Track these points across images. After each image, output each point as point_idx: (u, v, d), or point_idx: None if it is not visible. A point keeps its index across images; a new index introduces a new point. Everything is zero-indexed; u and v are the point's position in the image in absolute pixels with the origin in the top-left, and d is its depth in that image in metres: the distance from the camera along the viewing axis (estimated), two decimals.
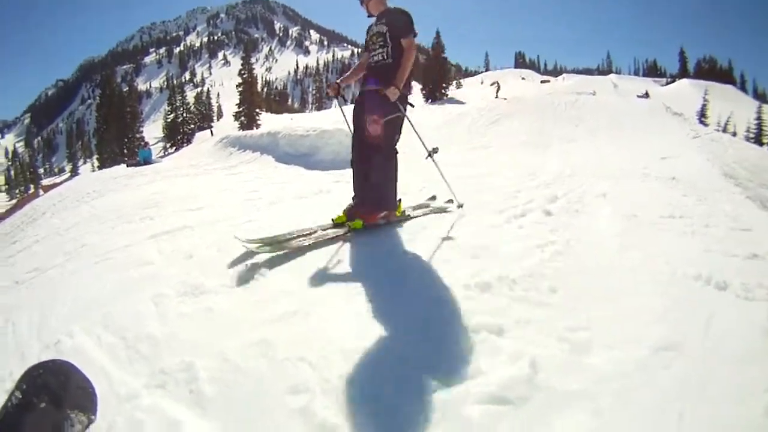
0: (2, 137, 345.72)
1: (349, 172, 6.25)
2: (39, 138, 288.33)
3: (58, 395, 2.43)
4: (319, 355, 3.05)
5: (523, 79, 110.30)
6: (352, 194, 6.27)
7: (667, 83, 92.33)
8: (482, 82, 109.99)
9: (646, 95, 57.96)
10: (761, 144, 50.12)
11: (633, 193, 8.50)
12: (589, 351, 2.91)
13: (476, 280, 3.94)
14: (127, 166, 23.92)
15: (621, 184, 9.40)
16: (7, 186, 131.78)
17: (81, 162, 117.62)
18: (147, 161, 24.63)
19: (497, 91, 35.04)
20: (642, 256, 4.74)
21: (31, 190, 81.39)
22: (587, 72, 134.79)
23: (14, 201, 79.63)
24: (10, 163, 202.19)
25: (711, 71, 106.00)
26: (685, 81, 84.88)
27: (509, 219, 6.30)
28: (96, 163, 79.90)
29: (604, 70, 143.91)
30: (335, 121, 35.07)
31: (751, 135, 56.21)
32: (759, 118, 61.74)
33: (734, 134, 50.71)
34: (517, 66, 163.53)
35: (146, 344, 3.58)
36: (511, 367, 2.76)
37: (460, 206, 6.49)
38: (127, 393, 2.99)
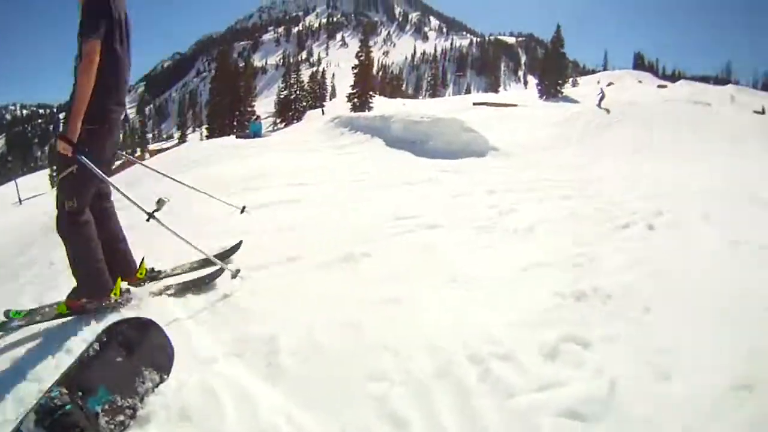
0: None
1: (460, 162, 6.24)
2: (151, 105, 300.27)
3: (135, 351, 2.61)
4: (406, 345, 3.09)
5: (639, 82, 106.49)
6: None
7: None
8: (599, 82, 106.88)
9: (763, 111, 54.67)
10: None
11: (738, 217, 8.14)
12: (669, 377, 2.83)
13: (572, 288, 3.93)
14: (237, 137, 24.45)
15: (727, 206, 9.04)
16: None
17: (190, 131, 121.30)
18: (257, 134, 25.08)
19: (600, 100, 33.18)
20: (737, 288, 4.43)
21: (137, 153, 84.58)
22: (705, 80, 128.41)
23: (119, 162, 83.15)
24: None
25: None
26: None
27: (612, 230, 6.21)
28: (205, 133, 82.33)
29: (722, 79, 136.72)
30: (448, 110, 35.09)
31: None
32: None
33: None
34: (635, 67, 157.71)
35: (232, 311, 3.74)
36: (591, 382, 2.75)
37: (235, 275, 4.38)
38: (204, 356, 3.15)
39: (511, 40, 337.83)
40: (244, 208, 6.17)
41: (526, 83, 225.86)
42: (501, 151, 13.77)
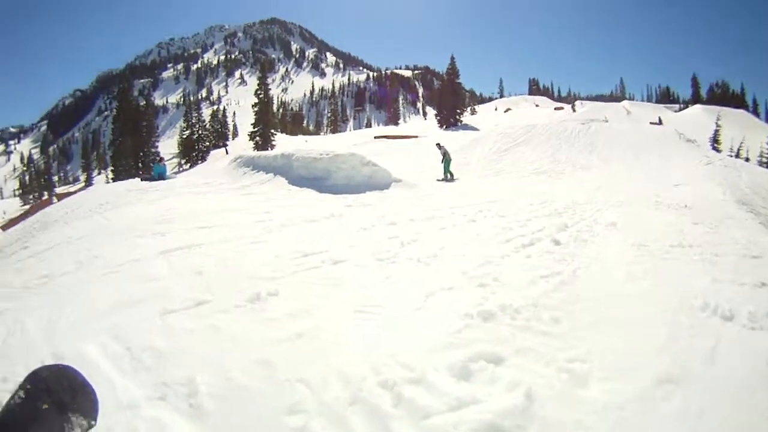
0: (18, 142, 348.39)
1: (365, 196, 6.28)
2: (55, 146, 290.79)
3: (61, 398, 2.47)
4: (319, 377, 3.09)
5: (537, 105, 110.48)
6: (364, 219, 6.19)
7: (680, 109, 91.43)
8: (496, 109, 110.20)
9: (660, 122, 57.75)
10: None
11: (644, 222, 8.53)
12: (587, 382, 2.92)
13: (479, 309, 3.97)
14: (142, 180, 23.90)
15: (632, 213, 9.43)
16: (21, 191, 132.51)
17: (95, 173, 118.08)
18: (161, 176, 24.64)
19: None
20: (649, 286, 4.76)
21: (45, 197, 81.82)
22: (601, 98, 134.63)
23: (27, 206, 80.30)
24: (25, 168, 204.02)
25: (723, 96, 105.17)
26: (698, 107, 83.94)
27: (517, 248, 6.35)
28: (110, 175, 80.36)
29: (617, 96, 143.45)
30: (350, 144, 35.29)
31: (764, 160, 55.55)
32: None
33: (747, 159, 50.21)
34: (531, 92, 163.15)
35: (150, 356, 3.66)
36: (507, 395, 2.77)
37: None
38: (128, 402, 3.07)
39: (408, 73, 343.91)
40: None
41: (425, 114, 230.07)
42: (404, 182, 14.00)
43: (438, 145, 20.90)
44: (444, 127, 70.59)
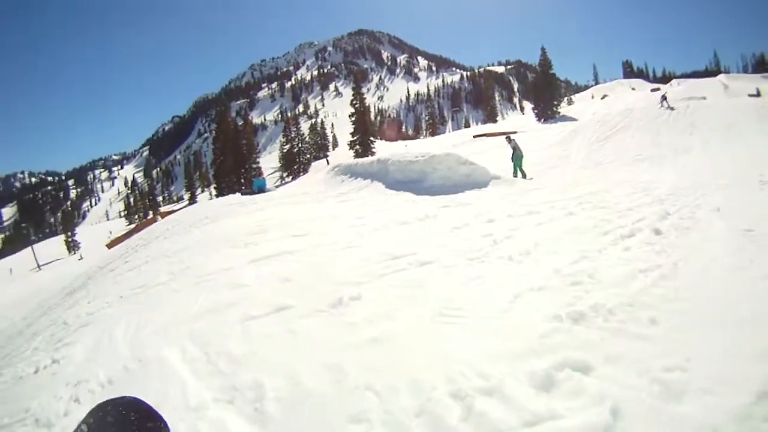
0: (122, 168, 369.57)
1: (462, 195, 6.19)
2: (158, 168, 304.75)
3: None
4: (388, 385, 3.05)
5: (633, 89, 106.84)
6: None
7: None
8: (593, 96, 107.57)
9: (758, 93, 54.41)
10: None
11: (749, 205, 7.96)
12: (682, 396, 2.59)
13: (569, 310, 3.76)
14: (242, 194, 24.69)
15: (736, 196, 8.88)
16: (126, 212, 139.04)
17: (199, 191, 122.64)
18: (261, 190, 25.37)
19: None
20: (756, 279, 4.28)
21: (150, 216, 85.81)
22: (696, 75, 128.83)
23: (132, 226, 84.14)
24: (129, 191, 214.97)
25: None
26: None
27: (615, 241, 6.05)
28: (213, 192, 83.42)
29: (712, 71, 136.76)
30: (449, 145, 35.11)
31: None
32: None
33: None
34: (625, 76, 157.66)
35: (225, 360, 3.80)
36: (590, 411, 2.55)
37: None
38: (196, 403, 3.21)
39: (501, 69, 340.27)
40: None
41: (522, 109, 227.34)
42: (503, 179, 13.71)
43: (508, 138, 19.75)
44: (542, 120, 69.56)
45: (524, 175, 17.77)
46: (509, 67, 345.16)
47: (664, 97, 28.91)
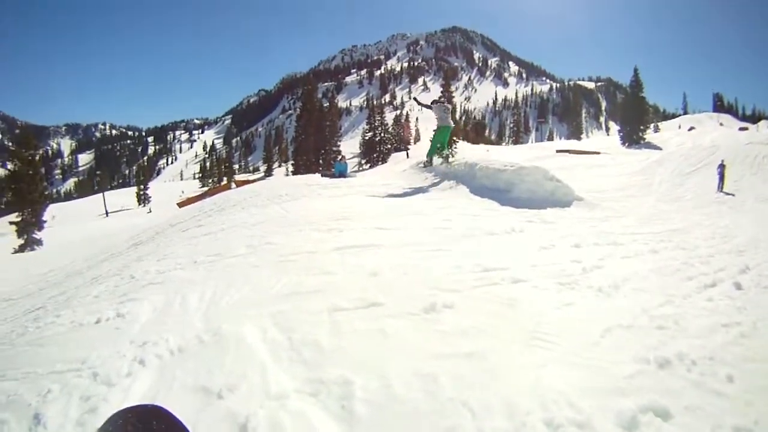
0: (202, 132, 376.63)
1: (545, 212, 6.13)
2: (238, 138, 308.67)
3: None
4: (483, 404, 3.06)
5: (721, 124, 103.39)
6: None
7: None
8: (680, 126, 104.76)
9: None
10: None
11: None
12: None
13: (656, 354, 3.86)
14: (322, 176, 24.50)
15: None
16: (201, 175, 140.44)
17: (276, 165, 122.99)
18: (342, 174, 25.34)
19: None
20: None
21: (224, 182, 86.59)
22: None
23: (205, 189, 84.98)
24: (207, 155, 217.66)
25: None
26: None
27: (699, 289, 6.12)
28: (290, 168, 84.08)
29: None
30: (532, 157, 34.58)
31: None
32: None
33: None
34: (715, 109, 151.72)
35: (311, 350, 3.76)
36: None
37: None
38: (276, 391, 3.20)
39: (590, 84, 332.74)
40: None
41: (607, 129, 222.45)
42: (585, 200, 13.71)
43: (435, 101, 19.68)
44: (626, 144, 68.16)
45: (446, 159, 18.02)
46: (599, 84, 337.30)
47: (721, 170, 24.98)
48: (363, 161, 78.32)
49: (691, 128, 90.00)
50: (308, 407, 3.05)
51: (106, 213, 65.84)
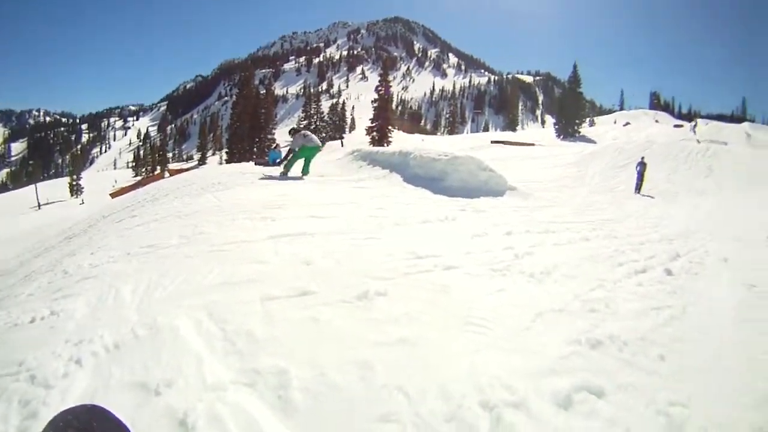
0: (137, 119, 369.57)
1: (478, 201, 6.23)
2: (172, 125, 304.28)
3: None
4: (418, 388, 3.07)
5: (657, 121, 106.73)
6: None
7: None
8: (615, 122, 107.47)
9: None
10: None
11: (755, 261, 8.21)
12: (682, 430, 2.89)
13: (588, 336, 3.96)
14: (256, 164, 24.21)
15: (745, 248, 9.10)
16: (134, 164, 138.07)
17: (210, 153, 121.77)
18: (276, 162, 25.12)
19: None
20: (757, 334, 4.64)
21: (158, 171, 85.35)
22: (721, 118, 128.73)
23: (139, 178, 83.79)
24: (141, 143, 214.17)
25: None
26: None
27: (630, 274, 6.28)
28: (225, 156, 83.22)
29: (737, 117, 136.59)
30: (467, 147, 35.04)
31: None
32: None
33: None
34: (651, 107, 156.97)
35: (245, 340, 3.70)
36: None
37: None
38: (213, 383, 3.14)
39: (529, 78, 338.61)
40: None
41: (543, 122, 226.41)
42: (518, 190, 13.89)
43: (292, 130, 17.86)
44: (561, 137, 69.53)
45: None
46: (537, 78, 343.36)
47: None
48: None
49: (627, 123, 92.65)
50: (245, 398, 3.02)
51: (39, 205, 63.70)
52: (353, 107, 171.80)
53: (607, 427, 2.83)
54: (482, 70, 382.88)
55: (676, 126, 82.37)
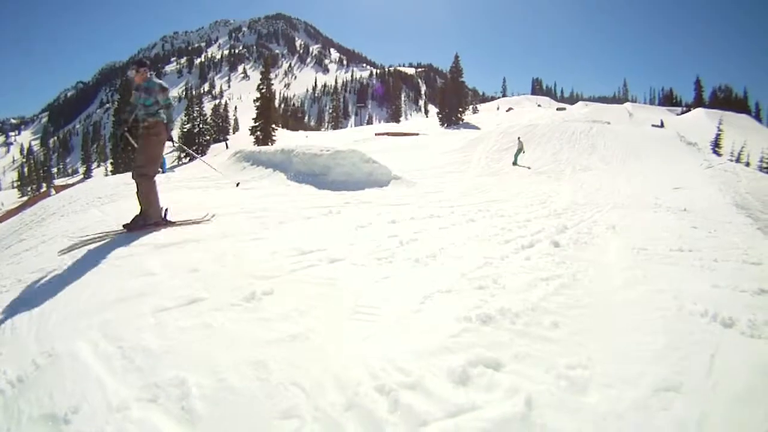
0: (19, 134, 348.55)
1: (363, 192, 6.18)
2: (55, 137, 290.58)
3: None
4: (314, 381, 3.05)
5: (539, 105, 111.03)
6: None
7: (683, 112, 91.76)
8: (498, 108, 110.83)
9: (661, 125, 58.02)
10: None
11: (643, 225, 8.58)
12: (586, 390, 2.91)
13: (478, 312, 3.93)
14: None
15: (631, 216, 9.47)
16: (19, 183, 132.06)
17: (95, 165, 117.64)
18: (161, 170, 24.57)
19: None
20: (648, 292, 4.75)
21: (43, 189, 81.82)
22: (603, 100, 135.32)
23: (25, 198, 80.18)
24: (24, 160, 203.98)
25: (726, 100, 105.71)
26: (700, 110, 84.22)
27: (517, 250, 6.35)
28: (110, 168, 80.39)
29: (620, 98, 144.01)
30: (351, 141, 35.13)
31: (765, 165, 55.45)
32: None
33: (747, 164, 50.12)
34: (533, 92, 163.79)
35: (142, 356, 3.59)
36: (506, 402, 2.76)
37: None
38: (118, 404, 3.02)
39: (411, 70, 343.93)
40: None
41: (427, 112, 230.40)
42: (403, 179, 14.05)
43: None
44: (445, 125, 71.06)
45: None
46: (419, 69, 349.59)
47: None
48: (182, 155, 75.77)
49: (509, 109, 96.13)
50: (150, 414, 2.94)
51: None
52: (236, 107, 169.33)
53: (509, 396, 2.83)
54: (364, 65, 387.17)
55: (559, 109, 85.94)
